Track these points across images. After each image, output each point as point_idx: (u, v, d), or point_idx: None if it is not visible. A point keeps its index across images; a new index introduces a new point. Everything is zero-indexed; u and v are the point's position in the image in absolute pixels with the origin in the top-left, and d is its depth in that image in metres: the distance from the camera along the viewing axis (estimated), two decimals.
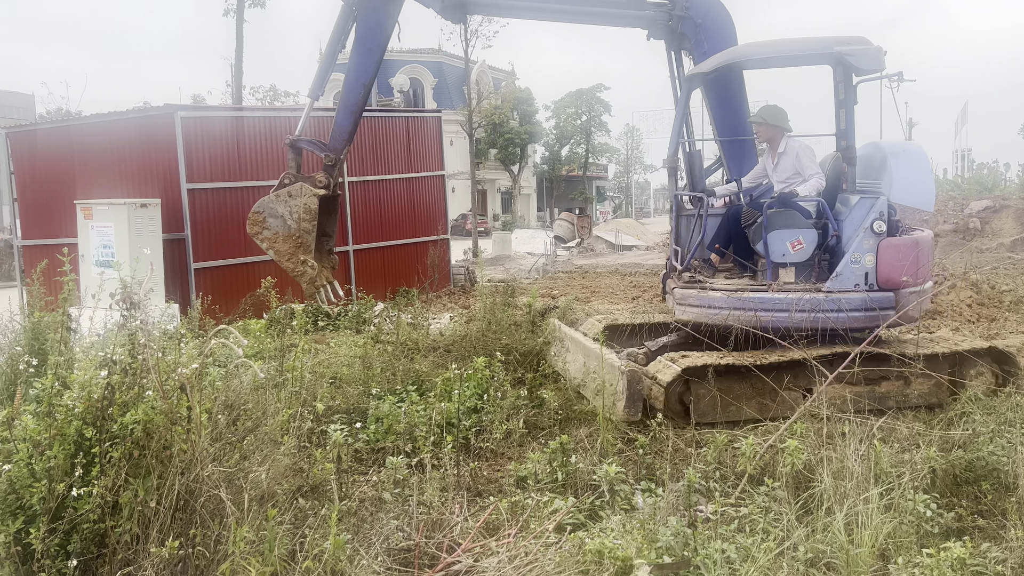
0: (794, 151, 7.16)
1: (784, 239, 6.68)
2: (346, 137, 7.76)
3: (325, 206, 7.85)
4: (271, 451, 3.74)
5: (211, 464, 3.32)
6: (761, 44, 7.31)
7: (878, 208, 6.60)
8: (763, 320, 6.52)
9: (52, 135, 13.39)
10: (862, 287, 6.56)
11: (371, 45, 7.54)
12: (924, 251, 6.77)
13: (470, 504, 4.72)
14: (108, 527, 3.38)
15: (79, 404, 3.69)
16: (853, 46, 6.62)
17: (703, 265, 7.25)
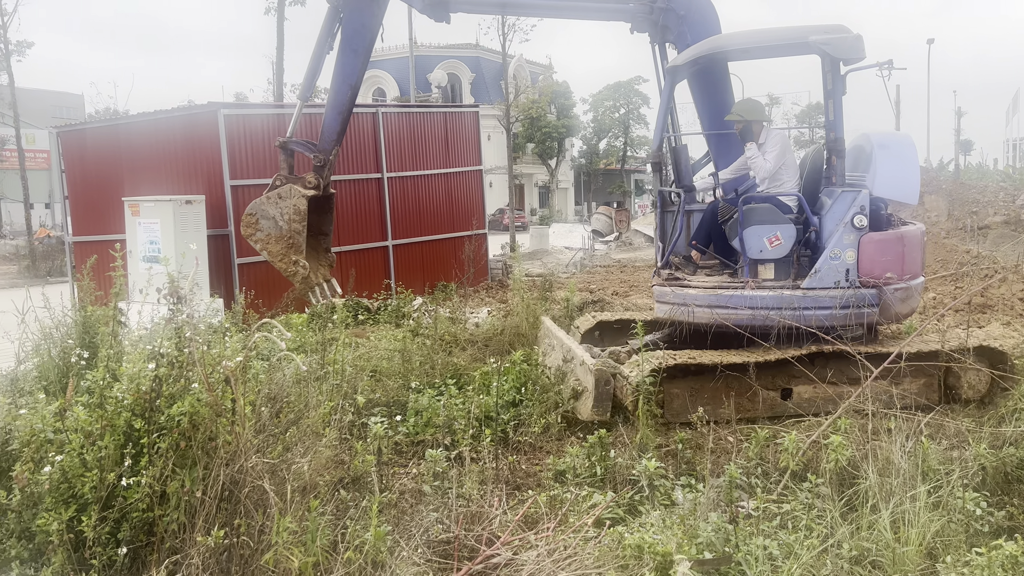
0: (773, 141, 7.02)
1: (761, 235, 6.49)
2: (334, 138, 7.82)
3: (319, 206, 7.92)
4: (313, 443, 3.80)
5: (255, 455, 3.38)
6: (736, 35, 7.16)
7: (859, 202, 6.36)
8: (740, 318, 6.35)
9: (100, 134, 13.71)
10: (843, 284, 6.33)
11: (356, 46, 7.59)
12: (911, 246, 6.51)
13: (509, 497, 4.74)
14: (156, 516, 3.46)
15: (128, 396, 3.78)
16: (830, 35, 6.39)
17: (684, 262, 7.12)
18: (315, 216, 7.83)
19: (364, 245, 14.26)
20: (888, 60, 6.75)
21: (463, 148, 16.67)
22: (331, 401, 4.56)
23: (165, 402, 3.71)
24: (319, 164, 7.70)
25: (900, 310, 6.48)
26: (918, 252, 6.67)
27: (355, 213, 14.13)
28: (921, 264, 6.80)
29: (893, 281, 6.30)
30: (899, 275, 6.33)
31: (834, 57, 6.43)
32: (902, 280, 6.35)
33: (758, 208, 6.56)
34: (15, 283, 26.35)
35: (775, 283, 6.47)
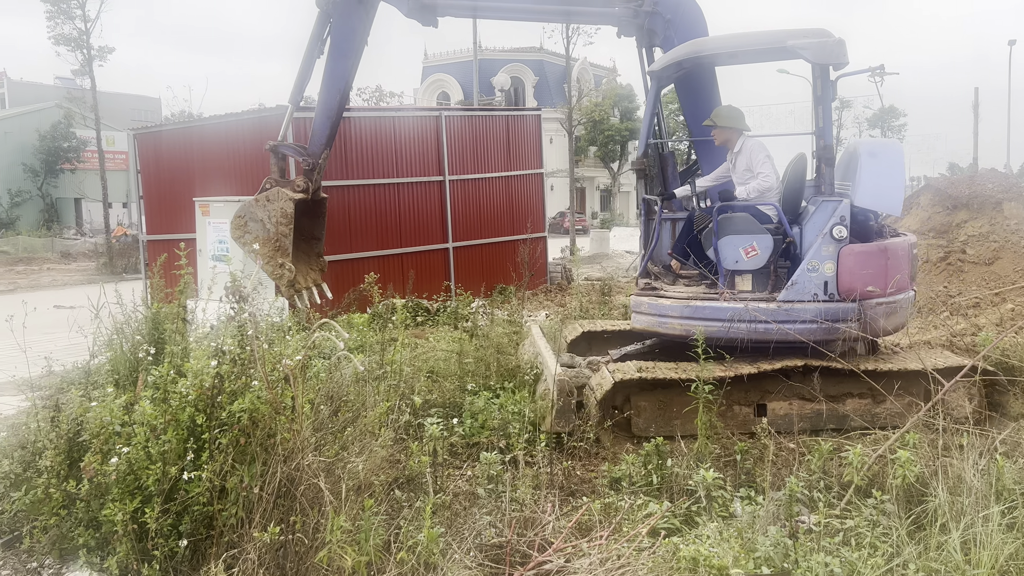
0: (748, 150, 6.80)
1: (737, 245, 6.26)
2: (324, 142, 7.85)
3: (310, 210, 7.95)
4: (369, 443, 3.83)
5: (311, 454, 3.43)
6: (714, 39, 6.96)
7: (840, 212, 6.10)
8: (714, 331, 6.13)
9: (174, 136, 14.18)
10: (821, 297, 6.07)
11: (345, 50, 7.61)
12: (896, 259, 6.17)
13: (562, 503, 4.71)
14: (215, 510, 3.55)
15: (192, 392, 3.89)
16: (809, 39, 6.17)
17: (663, 271, 6.92)
18: (307, 220, 7.90)
19: (425, 247, 14.39)
20: (879, 65, 6.56)
21: (524, 151, 16.69)
22: (388, 401, 4.60)
23: (227, 399, 3.80)
24: (308, 168, 7.78)
25: (884, 325, 6.17)
26: (905, 265, 6.34)
27: (417, 215, 14.28)
28: (909, 277, 6.47)
29: (875, 295, 6.03)
30: (882, 289, 6.04)
31: (812, 62, 6.23)
32: (885, 294, 6.07)
33: (734, 217, 6.34)
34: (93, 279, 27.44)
35: (751, 295, 6.25)
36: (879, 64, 6.55)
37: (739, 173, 6.86)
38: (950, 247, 17.99)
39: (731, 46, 6.80)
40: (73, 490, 3.77)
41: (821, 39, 6.19)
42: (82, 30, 27.26)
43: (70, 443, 4.16)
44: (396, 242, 13.80)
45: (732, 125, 6.89)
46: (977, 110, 47.54)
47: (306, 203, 7.66)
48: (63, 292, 23.01)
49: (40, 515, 3.92)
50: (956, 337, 8.43)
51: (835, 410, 6.00)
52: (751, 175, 6.71)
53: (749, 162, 6.76)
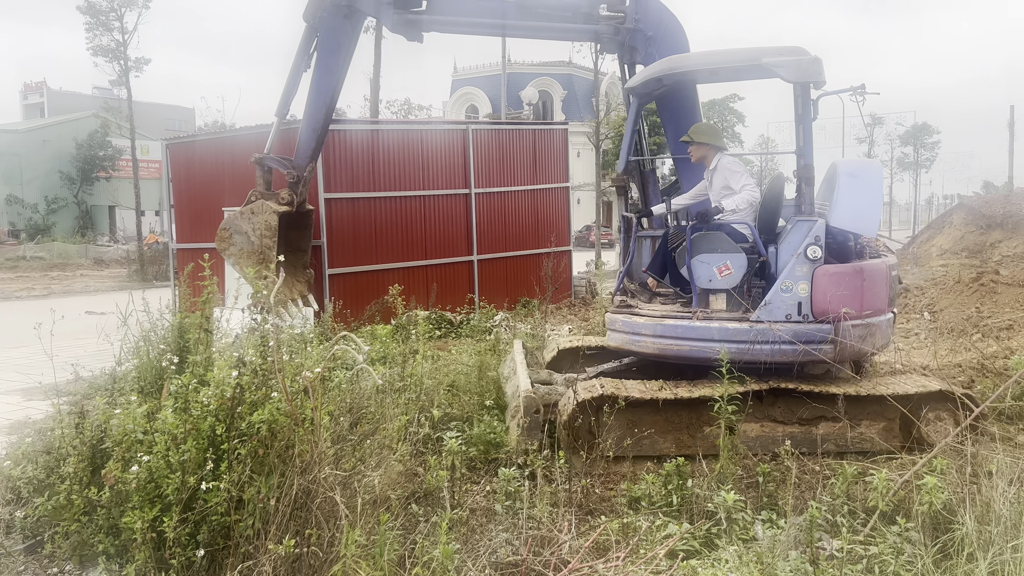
0: (723, 167, 6.72)
1: (710, 263, 6.17)
2: (309, 155, 7.90)
3: (296, 222, 7.96)
4: (386, 456, 3.83)
5: (328, 467, 3.43)
6: (689, 56, 6.91)
7: (815, 232, 5.99)
8: (686, 350, 6.05)
9: (205, 146, 14.39)
10: (794, 318, 5.95)
11: (331, 64, 7.68)
12: (873, 280, 6.06)
13: (580, 522, 4.67)
14: (233, 521, 3.56)
15: (213, 402, 3.92)
16: (784, 57, 6.09)
17: (639, 289, 6.82)
18: (294, 232, 7.93)
19: (450, 259, 14.43)
20: (860, 84, 6.50)
21: (551, 165, 16.70)
22: (406, 414, 4.60)
23: (247, 409, 3.83)
24: (293, 180, 7.82)
25: (859, 348, 6.04)
26: (882, 286, 6.21)
27: (442, 228, 14.33)
28: (888, 299, 6.33)
29: (850, 317, 5.91)
30: (857, 310, 5.89)
31: (788, 80, 6.16)
32: (860, 316, 5.95)
33: (708, 235, 6.23)
34: (124, 285, 27.87)
35: (724, 315, 6.16)
36: (860, 83, 6.53)
37: (716, 191, 6.80)
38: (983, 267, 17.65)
39: (706, 63, 6.75)
40: (94, 497, 3.81)
41: (796, 57, 6.13)
42: (119, 42, 27.85)
43: (93, 450, 4.21)
44: (421, 254, 13.86)
45: (709, 142, 6.85)
46: (1012, 128, 46.78)
47: (292, 215, 7.71)
48: (95, 298, 23.40)
49: (62, 521, 3.96)
50: (987, 360, 8.27)
51: (808, 433, 5.93)
52: (729, 192, 6.64)
53: (725, 180, 6.70)
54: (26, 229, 43.87)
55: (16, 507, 4.63)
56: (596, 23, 7.69)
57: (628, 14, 7.57)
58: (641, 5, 7.54)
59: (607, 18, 7.70)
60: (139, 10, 27.76)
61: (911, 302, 14.08)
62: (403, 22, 7.76)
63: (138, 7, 27.68)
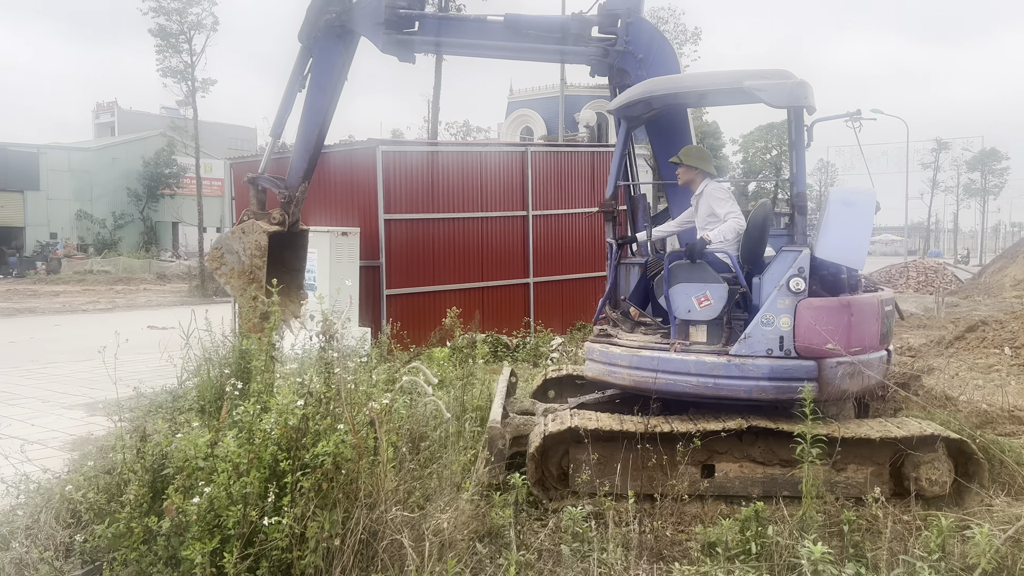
0: (708, 194, 6.44)
1: (689, 294, 5.88)
2: (301, 175, 7.85)
3: (290, 242, 7.86)
4: (454, 497, 3.65)
5: (395, 508, 3.26)
6: (669, 79, 6.60)
7: (799, 263, 5.64)
8: (662, 384, 5.74)
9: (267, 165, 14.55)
10: (776, 353, 5.59)
11: (324, 84, 7.63)
12: (861, 315, 5.68)
13: (651, 567, 4.41)
14: (295, 557, 3.42)
15: (276, 430, 3.80)
16: (767, 80, 5.78)
17: (621, 318, 6.53)
18: (288, 253, 7.85)
19: (506, 281, 14.29)
20: (856, 110, 6.17)
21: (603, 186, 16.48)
22: (472, 449, 4.42)
23: (311, 439, 3.70)
24: (285, 200, 7.76)
25: (845, 387, 5.65)
26: (872, 322, 5.80)
27: (499, 250, 14.22)
28: (879, 335, 5.92)
29: (835, 353, 5.49)
30: (844, 347, 5.50)
31: (770, 105, 5.84)
32: (847, 353, 5.55)
33: (687, 264, 5.95)
34: (185, 301, 28.46)
35: (702, 347, 5.84)
36: (856, 109, 6.26)
37: (701, 217, 6.54)
38: None
39: (686, 86, 6.50)
40: (154, 526, 3.71)
41: (780, 81, 5.83)
42: (187, 63, 28.65)
43: (154, 475, 4.13)
44: (477, 276, 13.75)
45: (697, 165, 6.59)
46: None
47: (286, 235, 7.66)
48: (157, 313, 23.92)
49: (121, 549, 3.87)
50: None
51: (789, 476, 5.55)
52: (714, 219, 6.37)
53: (711, 206, 6.43)
54: (94, 243, 45.29)
55: (76, 530, 4.58)
56: (586, 44, 7.55)
57: (619, 36, 7.42)
58: (632, 28, 7.40)
59: (598, 40, 7.57)
60: (207, 32, 28.57)
61: (989, 336, 13.41)
62: (394, 43, 7.78)
63: (206, 30, 28.50)
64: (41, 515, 4.65)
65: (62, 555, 4.37)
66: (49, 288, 31.95)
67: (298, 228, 7.75)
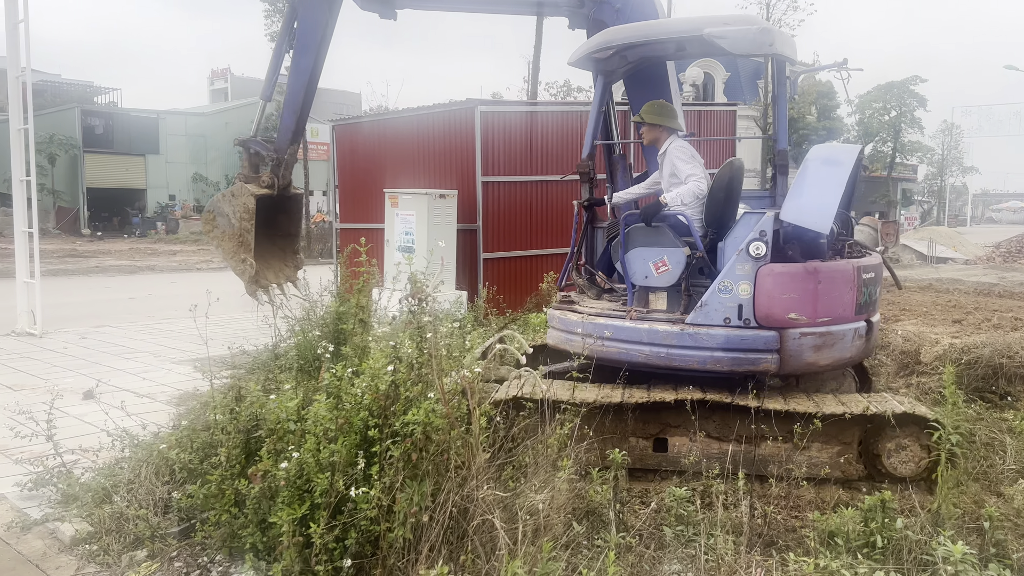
0: (671, 153, 5.95)
1: (646, 259, 5.51)
2: (289, 137, 7.59)
3: (285, 206, 7.64)
4: (550, 476, 3.41)
5: (486, 486, 3.05)
6: (626, 28, 6.05)
7: (761, 226, 5.16)
8: (614, 352, 5.33)
9: (368, 128, 14.59)
10: (734, 322, 5.15)
11: (309, 43, 7.38)
12: (831, 283, 5.17)
13: (763, 556, 4.06)
14: (382, 530, 3.26)
15: (367, 395, 3.65)
16: (728, 27, 5.33)
17: (587, 284, 6.15)
18: (283, 217, 7.69)
19: None
20: (843, 60, 5.37)
21: (716, 147, 15.75)
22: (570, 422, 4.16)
23: (401, 407, 3.53)
24: (274, 163, 7.52)
25: (813, 359, 5.13)
26: (845, 291, 5.23)
27: None
28: (854, 305, 5.30)
29: (799, 323, 5.01)
30: (810, 317, 5.03)
31: (731, 53, 5.45)
32: (814, 323, 5.02)
33: (645, 227, 5.55)
34: None
35: (660, 316, 5.43)
36: (843, 59, 5.51)
37: (665, 179, 6.02)
38: None
39: (644, 34, 5.96)
40: (243, 489, 3.64)
41: (741, 27, 5.34)
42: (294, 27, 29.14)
43: (247, 436, 4.07)
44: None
45: (660, 122, 6.07)
46: None
47: (279, 199, 7.53)
48: None
49: (212, 510, 3.84)
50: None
51: (748, 453, 5.08)
52: (676, 181, 5.86)
53: (673, 166, 5.91)
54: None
55: (174, 486, 4.61)
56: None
57: None
58: None
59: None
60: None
61: None
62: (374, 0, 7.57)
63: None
64: (142, 470, 4.71)
65: (160, 511, 4.41)
66: (167, 247, 33.65)
67: (290, 192, 7.66)
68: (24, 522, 4.55)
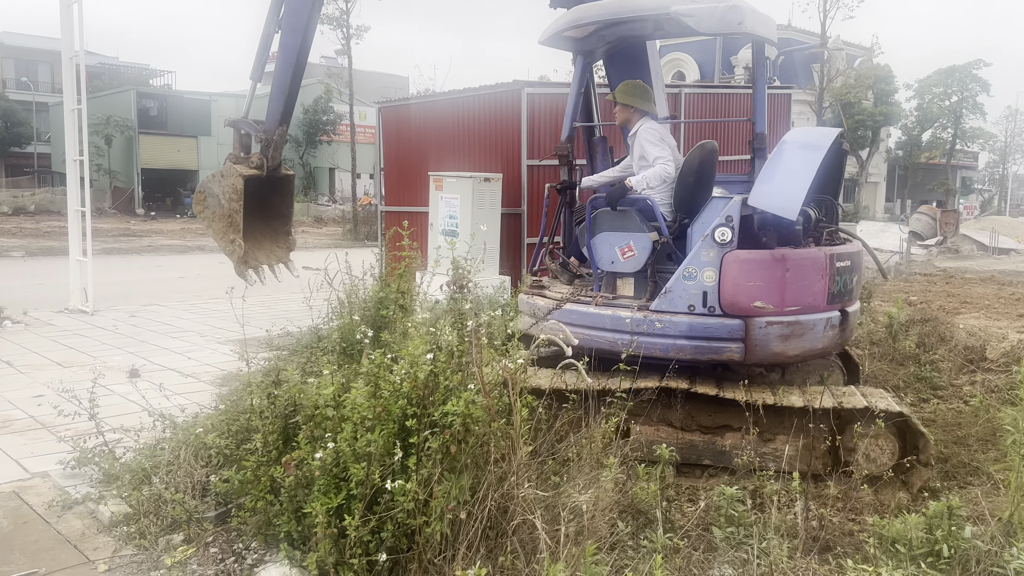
0: (641, 134, 5.80)
1: (612, 243, 5.40)
2: (278, 118, 7.42)
3: (275, 187, 7.50)
4: (595, 475, 3.24)
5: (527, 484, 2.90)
6: (594, 5, 5.80)
7: (727, 212, 5.00)
8: (582, 338, 5.14)
9: (415, 110, 14.48)
10: (698, 309, 5.01)
11: (296, 22, 7.22)
12: (800, 271, 4.98)
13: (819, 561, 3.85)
14: (419, 524, 3.14)
15: (406, 382, 3.53)
16: (696, 4, 5.14)
17: (560, 269, 6.01)
18: (276, 198, 7.57)
19: None
20: (828, 37, 4.91)
21: (772, 132, 15.30)
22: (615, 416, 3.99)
23: (440, 396, 3.39)
24: (264, 144, 7.36)
25: (780, 349, 4.93)
26: (815, 279, 5.03)
27: None
28: (826, 294, 5.09)
29: (765, 312, 4.85)
30: (777, 305, 4.87)
31: (698, 31, 5.32)
32: (782, 312, 4.87)
33: (610, 212, 5.45)
34: (339, 244, 29.61)
35: (624, 301, 5.29)
36: (830, 36, 5.12)
37: (635, 161, 5.83)
38: None
39: (612, 12, 5.71)
40: (279, 476, 3.55)
41: (709, 4, 5.09)
42: (343, 10, 29.24)
43: (284, 421, 3.99)
44: None
45: (631, 103, 5.89)
46: None
47: (270, 180, 7.42)
48: (313, 254, 24.90)
49: (248, 496, 3.76)
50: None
51: (710, 443, 4.94)
52: (645, 164, 5.67)
53: (643, 148, 5.72)
54: None
55: (212, 469, 4.57)
56: None
57: None
58: None
59: None
60: None
61: None
62: None
63: None
64: (181, 452, 4.67)
65: (198, 495, 4.37)
66: None
67: (281, 173, 7.58)
68: (65, 501, 4.55)
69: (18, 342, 9.38)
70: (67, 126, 11.73)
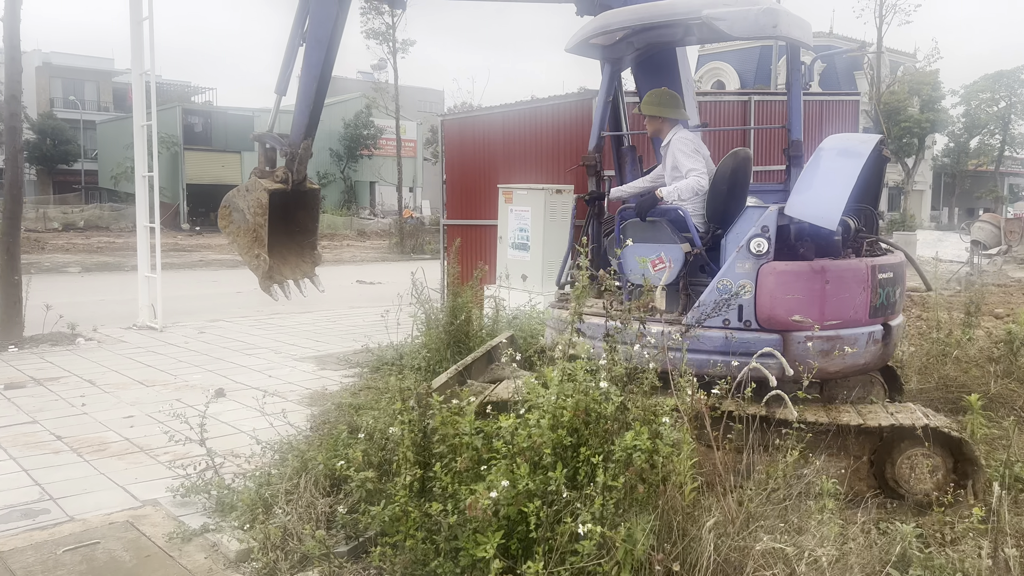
0: (674, 145, 5.61)
1: (644, 255, 5.21)
2: (303, 132, 7.25)
3: (303, 202, 7.30)
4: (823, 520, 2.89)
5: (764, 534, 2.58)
6: (623, 11, 5.61)
7: (763, 222, 4.79)
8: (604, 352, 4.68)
9: (477, 122, 14.30)
10: (733, 323, 4.77)
11: (320, 35, 7.06)
12: (840, 284, 4.75)
13: None
14: (605, 571, 2.85)
15: (566, 412, 3.26)
16: (727, 8, 4.94)
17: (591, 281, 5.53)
18: (301, 212, 7.39)
19: None
20: (861, 43, 4.52)
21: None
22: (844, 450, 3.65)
23: (615, 426, 3.12)
24: (289, 158, 7.17)
25: (822, 365, 4.60)
26: (856, 292, 4.79)
27: None
28: (868, 307, 4.84)
29: (804, 326, 4.59)
30: (816, 319, 4.59)
31: (730, 36, 5.12)
32: (821, 326, 4.59)
33: (640, 223, 5.27)
34: (385, 257, 29.58)
35: (658, 315, 5.03)
36: (860, 42, 4.75)
37: (668, 172, 5.67)
38: None
39: (641, 17, 5.46)
40: (435, 513, 3.29)
41: (742, 7, 4.88)
42: (389, 24, 29.32)
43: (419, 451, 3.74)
44: None
45: (660, 114, 5.67)
46: None
47: (296, 194, 7.28)
48: (362, 268, 24.92)
49: (395, 533, 3.51)
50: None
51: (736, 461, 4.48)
52: (678, 175, 5.53)
53: (675, 159, 5.50)
54: None
55: (335, 499, 4.33)
56: None
57: None
58: None
59: None
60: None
61: None
62: None
63: None
64: (300, 480, 4.45)
65: (323, 524, 4.14)
66: None
67: (306, 187, 7.41)
68: (184, 533, 4.34)
69: (95, 360, 9.31)
70: (136, 142, 11.73)
